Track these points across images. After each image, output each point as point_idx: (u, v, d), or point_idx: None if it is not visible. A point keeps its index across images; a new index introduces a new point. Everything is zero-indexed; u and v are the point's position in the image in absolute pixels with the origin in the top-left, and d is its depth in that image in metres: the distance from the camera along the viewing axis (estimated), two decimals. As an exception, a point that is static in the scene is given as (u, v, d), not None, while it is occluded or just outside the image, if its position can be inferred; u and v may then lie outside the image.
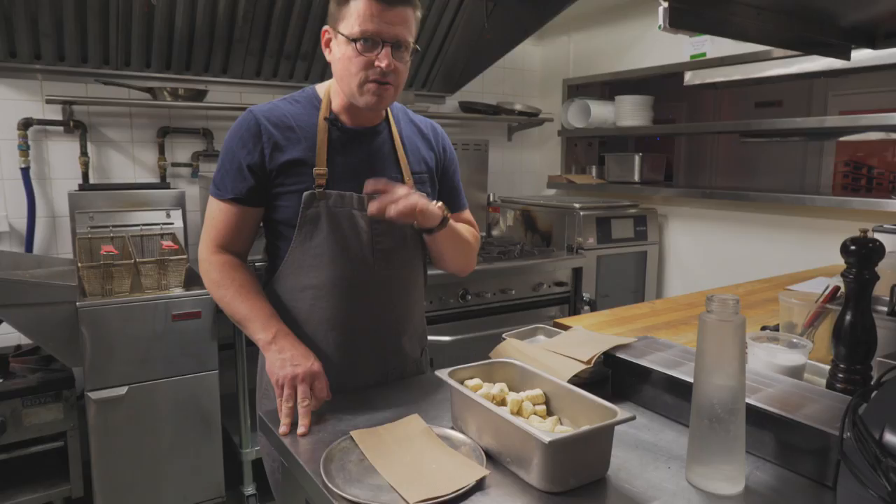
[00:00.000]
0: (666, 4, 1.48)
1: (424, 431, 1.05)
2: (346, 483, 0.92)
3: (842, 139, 3.85)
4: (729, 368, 0.90)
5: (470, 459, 0.97)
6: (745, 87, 3.75)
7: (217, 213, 1.31)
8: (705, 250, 3.19)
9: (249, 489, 2.44)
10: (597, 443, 0.93)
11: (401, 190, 1.19)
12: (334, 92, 1.33)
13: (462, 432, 1.06)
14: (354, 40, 1.19)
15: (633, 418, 0.93)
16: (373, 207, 1.18)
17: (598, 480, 0.94)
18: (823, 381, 1.15)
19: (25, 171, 2.54)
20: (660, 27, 1.51)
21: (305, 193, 1.27)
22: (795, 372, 1.17)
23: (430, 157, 1.45)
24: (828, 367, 1.14)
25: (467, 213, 1.54)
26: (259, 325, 1.24)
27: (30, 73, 2.56)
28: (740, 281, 2.32)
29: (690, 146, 4.63)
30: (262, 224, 1.38)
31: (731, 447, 0.91)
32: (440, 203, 1.29)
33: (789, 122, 2.88)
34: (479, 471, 0.93)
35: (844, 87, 3.93)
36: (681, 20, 1.50)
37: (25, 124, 2.53)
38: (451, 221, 1.32)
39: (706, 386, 0.91)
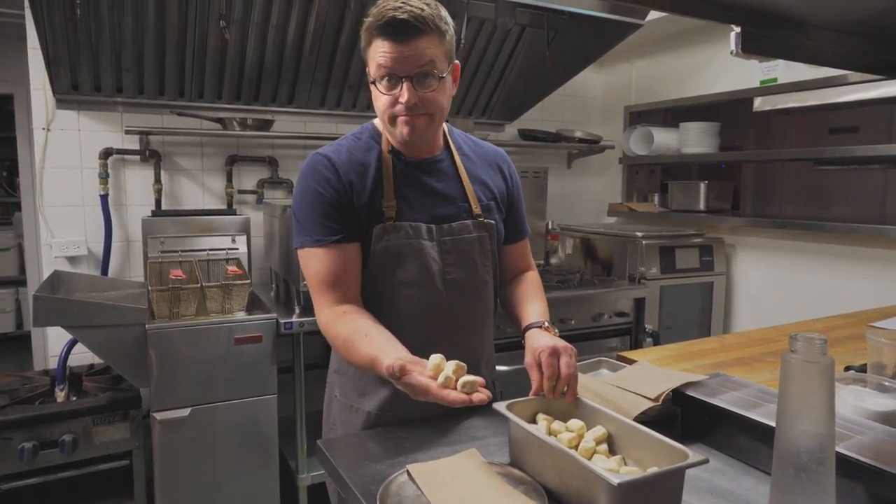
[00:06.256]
0: (738, 30, 1.43)
1: (482, 467, 1.02)
2: (403, 519, 0.89)
3: (927, 166, 3.61)
4: (817, 413, 0.83)
5: (529, 499, 0.93)
6: (817, 112, 3.58)
7: (318, 262, 1.26)
8: (776, 282, 3.03)
9: (304, 515, 2.44)
10: (667, 486, 0.87)
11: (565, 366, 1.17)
12: None
13: (521, 469, 1.01)
14: (374, 82, 1.23)
15: (706, 461, 0.87)
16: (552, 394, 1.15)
17: (669, 529, 0.88)
18: (921, 430, 1.05)
19: (104, 198, 2.68)
20: (732, 52, 1.45)
21: (376, 227, 1.26)
22: (888, 418, 1.07)
23: (500, 185, 1.43)
24: (926, 415, 1.04)
25: (527, 242, 1.51)
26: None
27: (112, 105, 2.72)
28: (814, 315, 2.18)
29: (759, 174, 4.44)
30: None
31: (820, 500, 0.83)
32: (553, 333, 1.28)
33: (866, 149, 2.72)
34: (540, 512, 0.89)
35: (928, 111, 3.70)
36: (754, 45, 1.44)
37: (106, 153, 2.68)
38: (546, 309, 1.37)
39: (791, 432, 0.84)
